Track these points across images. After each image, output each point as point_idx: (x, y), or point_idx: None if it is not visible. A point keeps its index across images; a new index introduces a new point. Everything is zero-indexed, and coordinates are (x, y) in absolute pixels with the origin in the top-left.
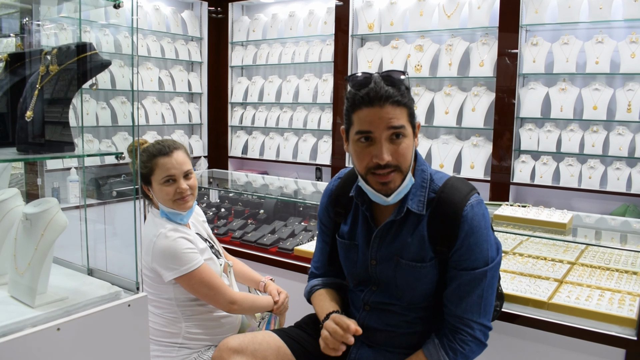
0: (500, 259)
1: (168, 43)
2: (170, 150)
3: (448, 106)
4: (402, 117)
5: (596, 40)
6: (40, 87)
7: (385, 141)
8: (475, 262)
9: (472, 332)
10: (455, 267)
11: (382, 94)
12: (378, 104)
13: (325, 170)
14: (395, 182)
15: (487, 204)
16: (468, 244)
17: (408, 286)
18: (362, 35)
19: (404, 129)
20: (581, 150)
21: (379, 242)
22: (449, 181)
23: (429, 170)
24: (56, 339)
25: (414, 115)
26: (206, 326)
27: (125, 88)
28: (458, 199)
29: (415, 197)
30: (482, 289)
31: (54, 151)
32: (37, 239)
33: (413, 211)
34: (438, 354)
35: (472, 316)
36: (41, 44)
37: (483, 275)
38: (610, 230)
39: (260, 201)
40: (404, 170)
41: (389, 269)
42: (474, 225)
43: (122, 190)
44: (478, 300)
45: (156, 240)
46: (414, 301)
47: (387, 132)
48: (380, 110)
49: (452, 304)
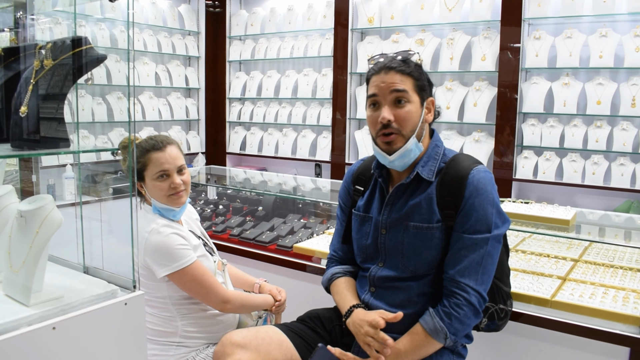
0: (504, 230)
1: (165, 37)
2: (163, 145)
3: (449, 101)
4: (406, 84)
5: (600, 33)
6: (34, 82)
7: (389, 104)
8: (477, 224)
9: (467, 296)
10: (458, 229)
11: (387, 63)
12: (384, 70)
13: (324, 166)
14: (397, 143)
15: None
16: (472, 204)
17: (414, 252)
18: (362, 29)
19: (407, 93)
20: (585, 145)
21: (390, 209)
22: (458, 154)
23: (443, 147)
24: (51, 338)
25: (424, 90)
26: (202, 324)
27: (122, 83)
28: (466, 164)
29: (427, 166)
30: (482, 256)
31: (49, 147)
32: (32, 237)
33: (423, 177)
34: (433, 320)
35: (469, 281)
36: (35, 38)
37: (484, 242)
38: (615, 226)
39: (258, 198)
40: (406, 134)
41: (397, 236)
42: (479, 187)
43: (118, 187)
44: (476, 267)
45: (148, 236)
46: (419, 270)
47: (390, 96)
48: (385, 76)
49: (450, 267)
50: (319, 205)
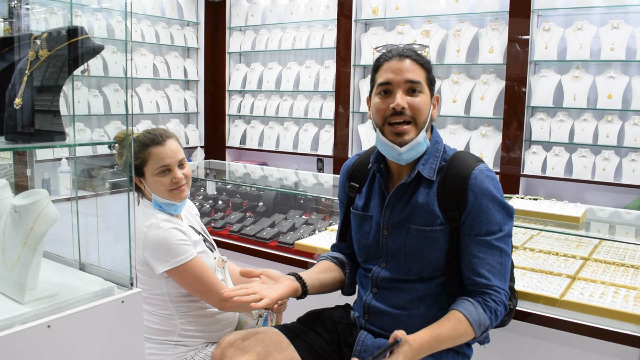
0: (513, 222)
1: (163, 28)
2: (163, 139)
3: (456, 94)
4: (420, 75)
5: (611, 25)
6: (29, 74)
7: (403, 92)
8: (489, 225)
9: (500, 296)
10: (469, 233)
11: (401, 51)
12: (399, 57)
13: (326, 161)
14: (409, 134)
15: None
16: (479, 206)
17: (417, 255)
18: (366, 20)
19: (421, 85)
20: (595, 140)
21: (391, 210)
22: (459, 152)
23: (442, 143)
24: (46, 337)
25: (433, 84)
26: (201, 323)
27: (119, 75)
28: (467, 164)
29: (427, 164)
30: (500, 254)
31: (44, 140)
32: (27, 232)
33: (424, 176)
34: (477, 310)
35: (497, 282)
36: (30, 28)
37: (499, 241)
38: (625, 224)
39: (259, 193)
40: (419, 124)
41: (399, 238)
42: (483, 187)
43: (115, 181)
44: (499, 267)
45: (147, 230)
46: (424, 273)
47: (404, 85)
48: (400, 63)
49: (473, 273)
50: (321, 201)
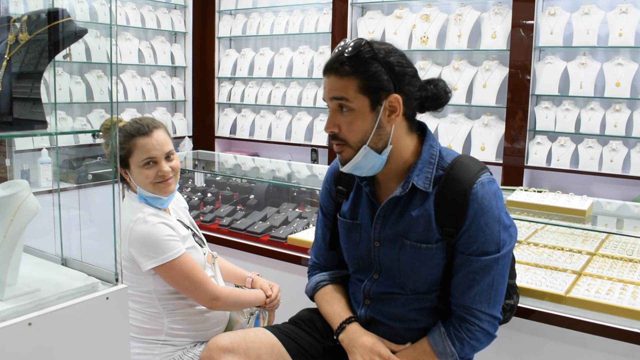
0: (514, 244)
1: (149, 11)
2: (149, 129)
3: (457, 82)
4: (347, 89)
5: (620, 10)
6: (8, 59)
7: (334, 112)
8: (485, 245)
9: (479, 323)
10: (464, 251)
11: (329, 64)
12: (326, 74)
13: (321, 151)
14: (344, 155)
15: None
16: (477, 225)
17: (412, 271)
18: (363, 3)
19: (347, 101)
20: (602, 130)
21: (383, 222)
22: (458, 158)
23: (438, 147)
24: (27, 335)
25: (381, 88)
26: (190, 321)
27: (102, 61)
28: (467, 176)
29: (422, 174)
30: (493, 277)
31: (24, 129)
32: (6, 225)
33: (419, 188)
34: (444, 343)
35: (481, 306)
36: (9, 11)
37: (495, 262)
38: (634, 218)
39: (250, 185)
40: (353, 145)
41: (392, 252)
42: (484, 204)
43: (99, 172)
44: (488, 290)
45: (134, 225)
46: (419, 289)
47: (332, 103)
48: (327, 80)
49: (459, 293)
50: (315, 193)
